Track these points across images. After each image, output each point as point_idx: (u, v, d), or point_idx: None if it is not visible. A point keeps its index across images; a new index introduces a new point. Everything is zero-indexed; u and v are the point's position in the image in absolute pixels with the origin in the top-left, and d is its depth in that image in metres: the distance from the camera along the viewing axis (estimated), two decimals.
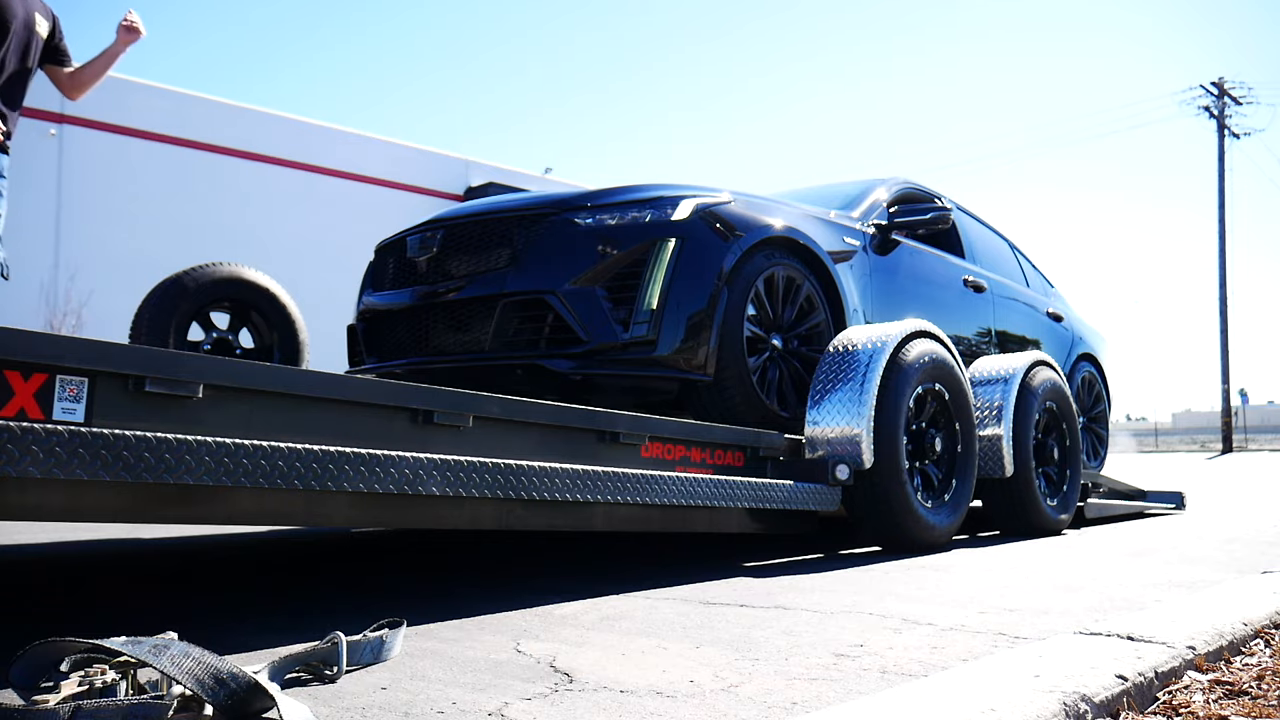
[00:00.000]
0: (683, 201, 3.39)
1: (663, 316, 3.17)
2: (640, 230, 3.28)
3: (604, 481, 2.51)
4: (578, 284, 3.18)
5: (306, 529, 4.68)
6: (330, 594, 2.65)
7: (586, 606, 2.29)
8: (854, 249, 4.10)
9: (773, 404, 3.47)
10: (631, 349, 3.16)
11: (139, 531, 4.38)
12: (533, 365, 3.20)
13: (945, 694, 1.45)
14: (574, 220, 3.31)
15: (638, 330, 3.16)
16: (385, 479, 2.01)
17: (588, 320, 3.15)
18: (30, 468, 1.51)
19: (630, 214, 3.33)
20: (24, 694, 1.32)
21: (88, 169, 11.51)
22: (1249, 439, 37.47)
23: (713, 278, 3.28)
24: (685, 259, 3.25)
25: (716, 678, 1.57)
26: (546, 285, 3.21)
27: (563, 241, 3.27)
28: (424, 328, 3.48)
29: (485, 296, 3.29)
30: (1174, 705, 1.57)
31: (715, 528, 3.08)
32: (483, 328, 3.28)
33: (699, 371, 3.23)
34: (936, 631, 1.97)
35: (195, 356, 1.88)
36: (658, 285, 3.19)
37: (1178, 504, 6.11)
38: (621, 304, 3.19)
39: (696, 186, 3.53)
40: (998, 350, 5.09)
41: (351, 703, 1.40)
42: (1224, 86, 28.98)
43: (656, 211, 3.33)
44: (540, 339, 3.22)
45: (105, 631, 1.37)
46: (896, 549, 3.52)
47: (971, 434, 3.93)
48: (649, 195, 3.40)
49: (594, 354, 3.16)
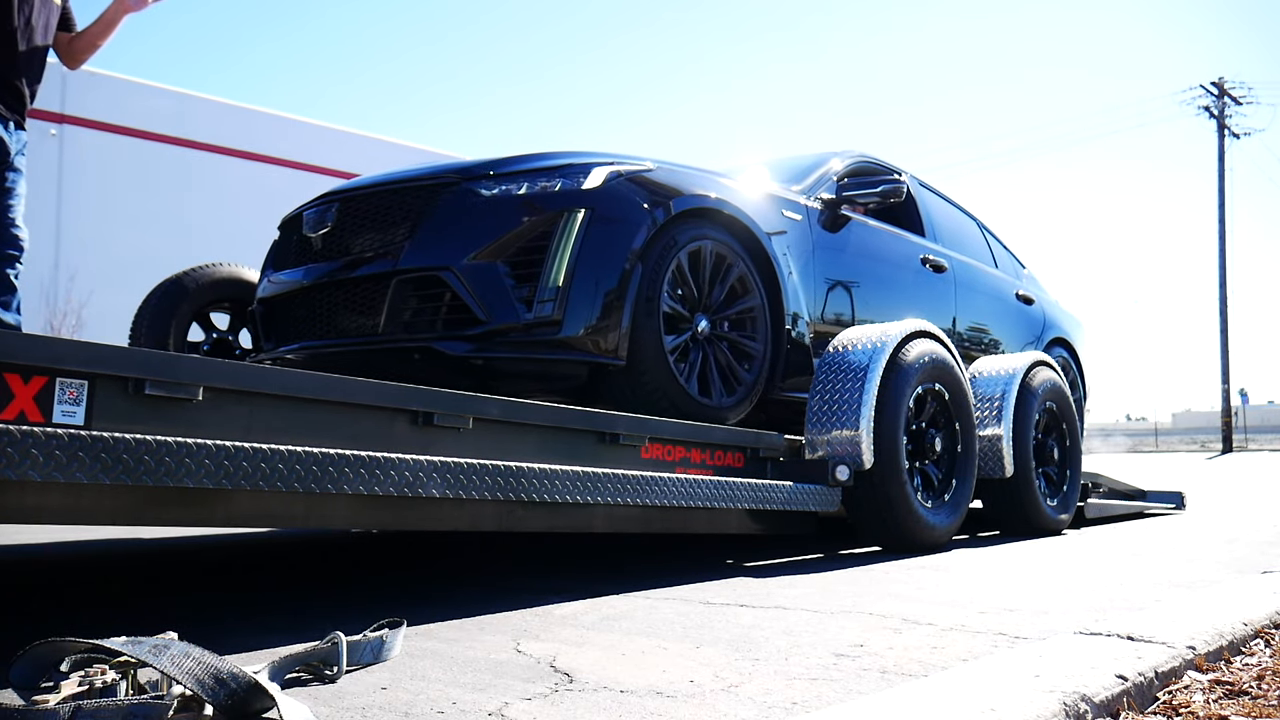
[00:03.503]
0: (595, 169, 3.10)
1: (569, 294, 2.90)
2: (547, 200, 2.99)
3: (604, 483, 2.51)
4: (478, 259, 2.90)
5: (306, 530, 4.68)
6: (330, 594, 2.65)
7: (586, 606, 2.29)
8: (795, 223, 3.82)
9: (695, 391, 3.20)
10: (535, 330, 2.89)
11: (139, 532, 4.38)
12: (427, 349, 2.95)
13: (945, 694, 1.45)
14: (476, 190, 3.02)
15: (542, 310, 2.88)
16: (386, 481, 2.01)
17: (487, 299, 2.87)
18: (30, 471, 1.51)
19: (539, 183, 3.04)
20: (24, 694, 1.32)
21: (88, 169, 11.51)
22: (1249, 439, 37.47)
23: (626, 252, 3.00)
24: (596, 231, 2.97)
25: (716, 678, 1.57)
26: (442, 261, 2.92)
27: (462, 213, 2.99)
28: (319, 309, 3.20)
29: (378, 274, 3.01)
30: (1174, 705, 1.57)
31: (715, 528, 3.08)
32: (377, 308, 3.01)
33: (610, 355, 2.97)
34: (936, 631, 1.97)
35: (194, 359, 1.88)
36: (564, 260, 2.91)
37: (1178, 504, 6.10)
38: (525, 281, 2.91)
39: (617, 154, 3.25)
40: (959, 333, 4.91)
41: (351, 703, 1.40)
42: (1224, 86, 28.99)
43: (566, 180, 3.04)
44: (437, 320, 2.94)
45: (105, 631, 1.37)
46: (896, 549, 3.52)
47: (971, 434, 3.93)
48: (558, 163, 3.11)
49: (494, 335, 2.89)
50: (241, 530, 4.54)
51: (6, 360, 1.56)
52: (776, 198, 3.83)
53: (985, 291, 5.23)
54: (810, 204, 4.03)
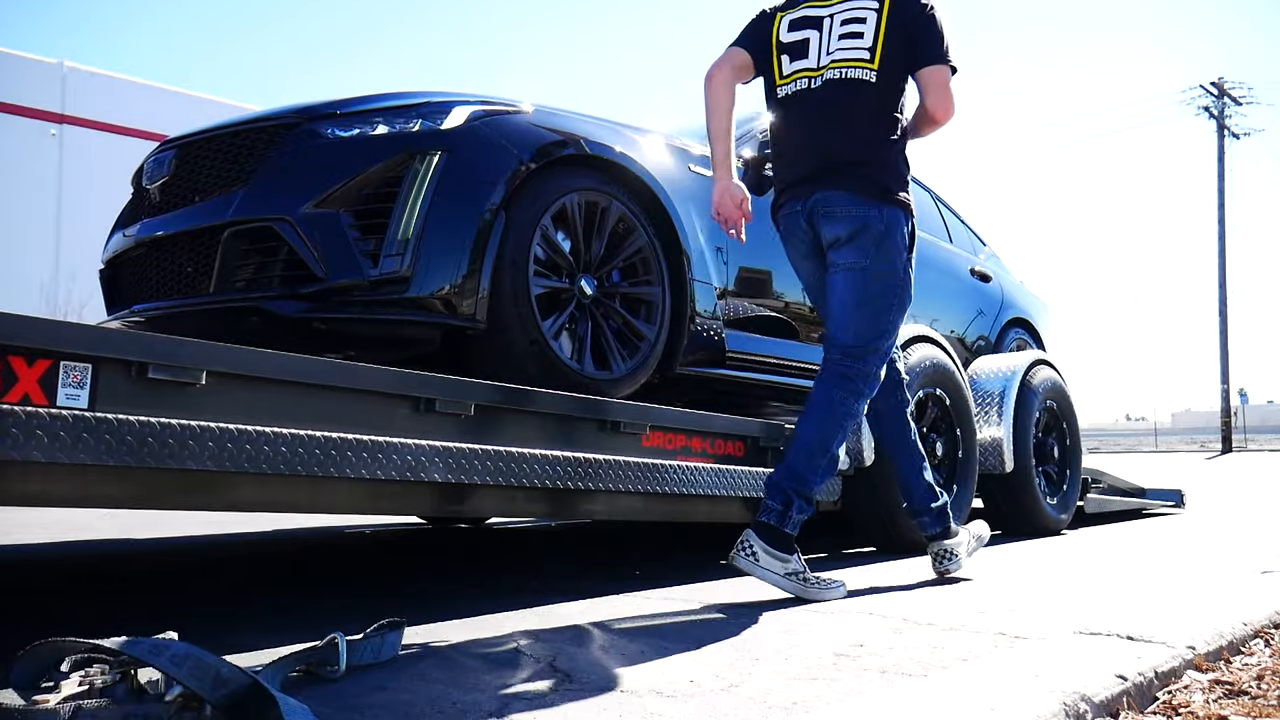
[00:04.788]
0: (456, 108, 2.75)
1: (421, 248, 2.57)
2: (399, 142, 2.65)
3: (605, 470, 2.50)
4: (318, 208, 2.57)
5: (306, 529, 4.68)
6: (330, 594, 2.65)
7: (586, 606, 2.29)
8: (704, 179, 3.34)
9: (574, 360, 2.84)
10: (382, 288, 2.56)
11: (139, 531, 4.38)
12: (258, 309, 2.62)
13: (945, 694, 1.45)
14: (320, 131, 2.70)
15: (389, 265, 2.55)
16: (388, 465, 2.01)
17: (327, 253, 2.54)
18: (35, 452, 1.51)
19: (393, 122, 2.70)
20: (24, 694, 1.32)
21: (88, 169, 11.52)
22: (1249, 439, 37.45)
23: (489, 200, 2.65)
24: (453, 176, 2.63)
25: (716, 677, 1.57)
26: (277, 210, 2.59)
27: (304, 157, 2.66)
28: (153, 268, 2.90)
29: (210, 228, 2.69)
30: (1174, 705, 1.57)
31: (716, 517, 3.07)
32: (208, 266, 2.70)
33: (466, 318, 2.64)
34: (936, 631, 1.97)
35: (197, 343, 1.87)
36: (415, 210, 2.58)
37: (1177, 502, 6.11)
38: (371, 233, 2.57)
39: (489, 96, 2.88)
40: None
41: (351, 703, 1.40)
42: (1224, 87, 28.98)
43: (424, 120, 2.71)
44: (273, 277, 2.62)
45: (105, 631, 1.37)
46: (897, 550, 3.52)
47: (972, 439, 3.93)
48: (415, 101, 2.78)
49: (333, 294, 2.55)
50: (242, 530, 4.54)
51: (11, 343, 1.57)
52: (681, 150, 3.43)
53: (933, 265, 4.86)
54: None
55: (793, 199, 2.73)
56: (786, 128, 2.77)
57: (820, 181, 2.64)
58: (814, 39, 2.71)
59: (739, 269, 3.55)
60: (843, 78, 2.64)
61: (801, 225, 2.74)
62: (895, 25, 2.64)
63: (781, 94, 2.74)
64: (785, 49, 2.74)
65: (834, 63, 2.65)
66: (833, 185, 2.63)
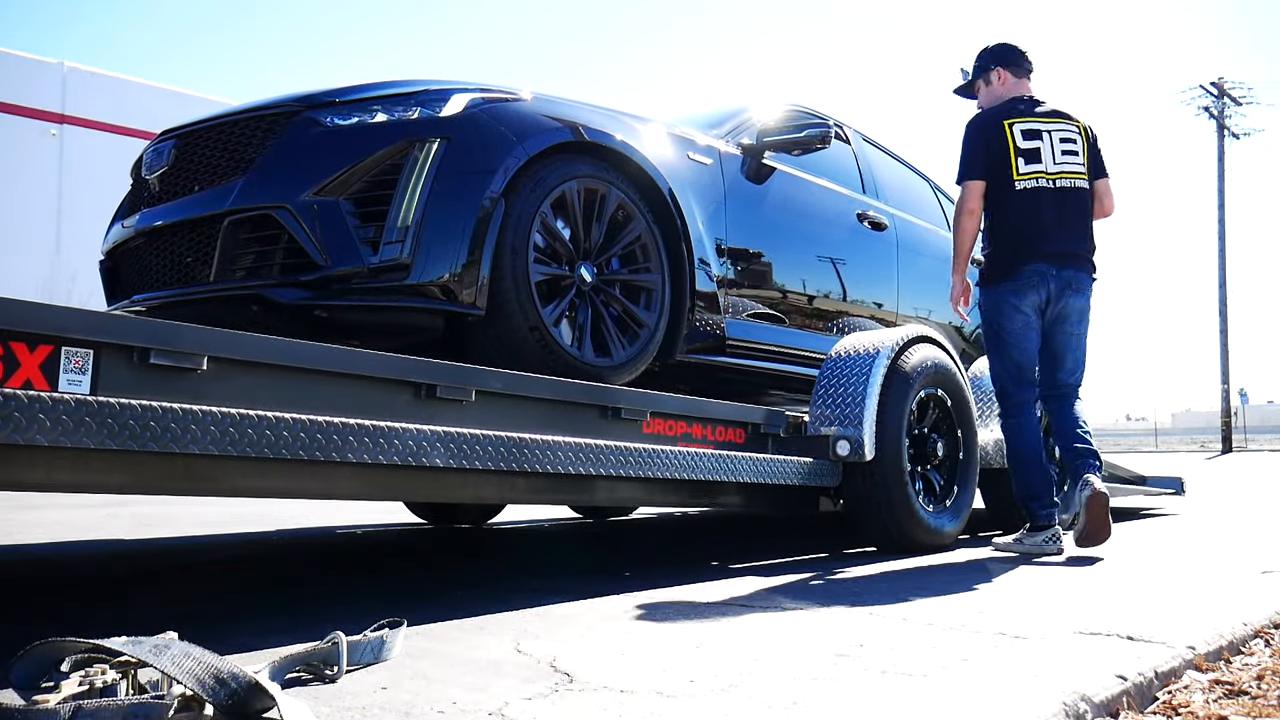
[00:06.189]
0: (455, 95, 2.78)
1: (421, 235, 2.59)
2: (399, 129, 2.67)
3: (605, 455, 2.49)
4: (318, 196, 2.59)
5: (306, 529, 4.68)
6: (330, 594, 2.65)
7: (586, 606, 2.29)
8: (704, 168, 3.45)
9: (574, 347, 2.86)
10: (383, 275, 2.58)
11: (139, 532, 4.38)
12: (260, 298, 2.64)
13: (945, 694, 1.45)
14: (319, 119, 2.71)
15: (389, 252, 2.57)
16: (390, 450, 2.00)
17: (327, 240, 2.56)
18: (37, 436, 1.52)
19: (392, 110, 2.73)
20: (24, 694, 1.32)
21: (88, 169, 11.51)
22: (1249, 439, 37.47)
23: (489, 188, 2.67)
24: (452, 164, 2.65)
25: (716, 677, 1.57)
26: (277, 198, 2.60)
27: (303, 145, 2.68)
28: (154, 258, 2.92)
29: (210, 216, 2.71)
30: (1174, 705, 1.57)
31: (715, 504, 3.08)
32: (209, 254, 2.71)
33: (467, 304, 2.65)
34: (936, 631, 1.98)
35: (199, 329, 1.87)
36: (415, 197, 2.60)
37: (1177, 489, 6.13)
38: (371, 220, 2.59)
39: (488, 84, 2.92)
40: (901, 293, 4.57)
41: (351, 703, 1.40)
42: (1224, 86, 28.98)
43: (423, 108, 2.74)
44: (273, 265, 2.64)
45: (105, 631, 1.37)
46: (897, 550, 3.52)
47: (973, 440, 3.93)
48: (413, 89, 2.81)
49: (334, 282, 2.57)
50: (242, 530, 4.54)
51: (13, 328, 1.57)
52: (681, 138, 3.47)
53: (934, 254, 4.85)
54: (726, 149, 3.68)
55: (1047, 263, 3.56)
56: (1031, 211, 3.58)
57: (1071, 261, 3.59)
58: (1044, 149, 3.61)
59: (739, 258, 3.59)
60: (1074, 186, 3.61)
61: (1050, 286, 3.58)
62: (1088, 148, 3.69)
63: (1020, 186, 3.59)
64: (1021, 153, 3.60)
65: (1063, 173, 3.60)
66: (1078, 267, 3.60)
